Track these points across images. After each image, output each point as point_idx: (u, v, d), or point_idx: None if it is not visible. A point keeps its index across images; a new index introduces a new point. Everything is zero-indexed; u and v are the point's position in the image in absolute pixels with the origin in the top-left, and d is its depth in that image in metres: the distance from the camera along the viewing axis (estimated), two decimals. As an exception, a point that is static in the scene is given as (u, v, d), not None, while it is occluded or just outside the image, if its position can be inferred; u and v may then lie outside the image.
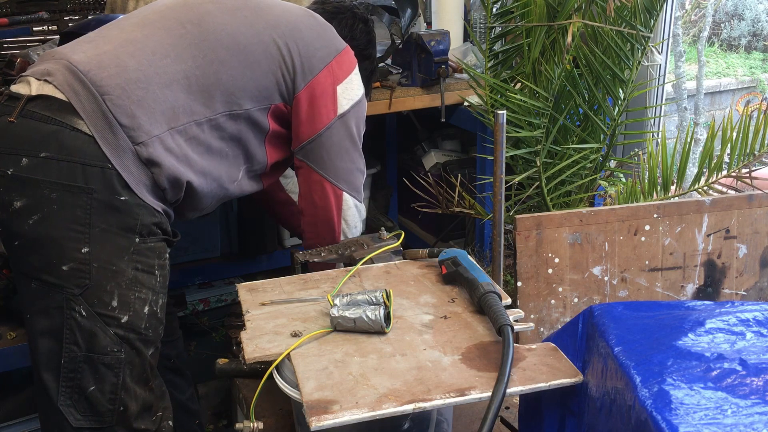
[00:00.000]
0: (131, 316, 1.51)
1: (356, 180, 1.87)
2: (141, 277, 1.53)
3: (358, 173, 1.88)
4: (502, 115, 1.76)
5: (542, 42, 2.25)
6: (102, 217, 1.47)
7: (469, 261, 1.57)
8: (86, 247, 1.46)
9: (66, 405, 1.49)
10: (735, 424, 0.95)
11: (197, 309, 2.64)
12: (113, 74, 1.50)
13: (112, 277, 1.49)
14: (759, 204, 1.94)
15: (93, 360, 1.49)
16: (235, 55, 1.64)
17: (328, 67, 1.76)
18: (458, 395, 1.21)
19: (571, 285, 1.87)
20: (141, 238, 1.52)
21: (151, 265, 1.55)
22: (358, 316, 1.38)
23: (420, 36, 2.43)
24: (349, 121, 1.81)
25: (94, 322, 1.48)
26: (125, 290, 1.50)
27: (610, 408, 1.15)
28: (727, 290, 1.96)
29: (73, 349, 1.48)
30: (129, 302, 1.51)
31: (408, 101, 2.50)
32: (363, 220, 1.94)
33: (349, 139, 1.83)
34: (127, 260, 1.50)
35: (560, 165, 2.27)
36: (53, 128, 1.45)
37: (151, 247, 1.55)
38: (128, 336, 1.52)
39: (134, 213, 1.50)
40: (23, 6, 2.27)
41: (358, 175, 1.88)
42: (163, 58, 1.56)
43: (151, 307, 1.55)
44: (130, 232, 1.50)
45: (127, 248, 1.50)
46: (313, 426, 1.15)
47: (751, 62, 8.99)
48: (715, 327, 1.17)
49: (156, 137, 1.51)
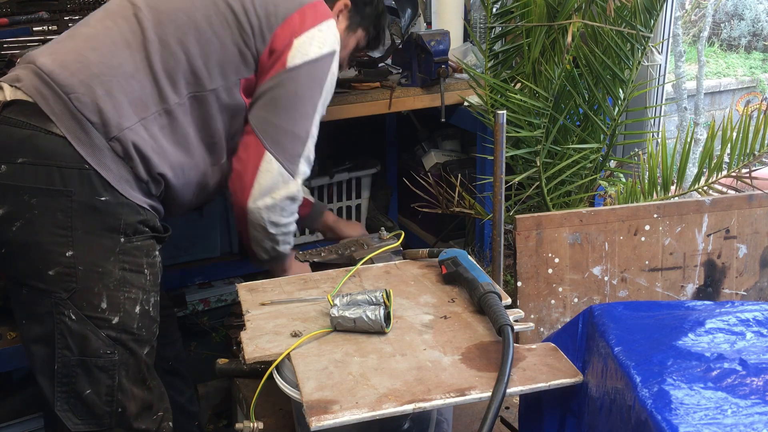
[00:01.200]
0: (122, 317, 1.50)
1: (289, 144, 1.63)
2: (129, 277, 1.51)
3: (296, 140, 1.64)
4: (502, 115, 1.76)
5: (542, 42, 2.25)
6: (83, 219, 1.45)
7: (469, 261, 1.57)
8: (70, 250, 1.45)
9: (63, 410, 1.49)
10: (735, 424, 0.95)
11: (197, 309, 2.64)
12: (76, 71, 1.47)
13: (99, 279, 1.47)
14: (759, 204, 1.94)
15: (86, 363, 1.48)
16: (191, 32, 1.57)
17: (288, 20, 1.63)
18: (458, 395, 1.21)
19: (571, 285, 1.87)
20: (126, 237, 1.50)
21: (139, 264, 1.53)
22: (358, 316, 1.38)
23: (420, 36, 2.42)
24: (298, 78, 1.62)
25: (85, 325, 1.47)
26: (114, 291, 1.49)
27: (610, 408, 1.15)
28: (727, 290, 1.96)
29: (66, 353, 1.47)
30: (119, 303, 1.50)
31: (408, 101, 2.49)
32: (291, 199, 1.67)
33: (295, 97, 1.63)
34: (113, 261, 1.49)
35: (560, 165, 2.27)
36: (28, 133, 1.43)
37: (138, 246, 1.53)
38: (120, 337, 1.51)
39: (117, 213, 1.48)
40: (23, 6, 2.26)
41: (295, 142, 1.64)
42: (124, 48, 1.52)
43: (143, 306, 1.54)
44: (114, 233, 1.49)
45: (113, 249, 1.48)
46: (313, 426, 1.15)
47: (751, 62, 8.99)
48: (715, 327, 1.17)
49: (128, 129, 1.48)
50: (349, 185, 2.97)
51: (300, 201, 1.69)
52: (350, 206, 3.01)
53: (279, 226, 1.68)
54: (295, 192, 1.65)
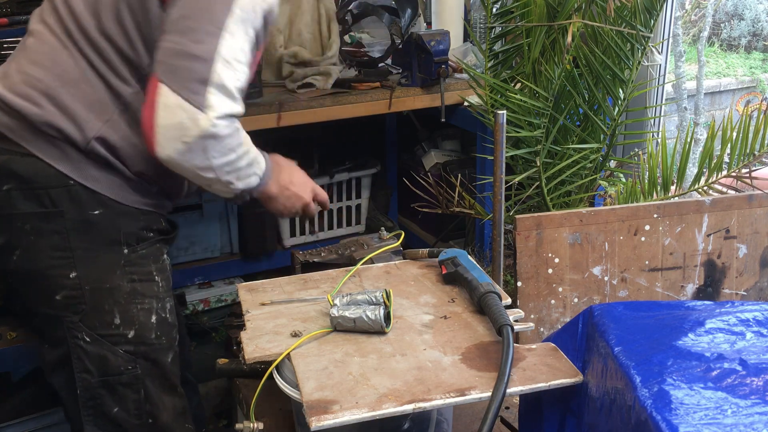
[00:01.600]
0: (138, 330, 1.45)
1: (186, 69, 1.28)
2: (140, 288, 1.46)
3: (196, 62, 1.28)
4: (502, 115, 1.76)
5: (542, 42, 2.25)
6: (81, 237, 1.40)
7: (469, 261, 1.57)
8: (73, 271, 1.40)
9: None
10: (735, 424, 0.95)
11: (197, 309, 2.64)
12: (26, 93, 1.38)
13: (108, 295, 1.42)
14: (759, 204, 1.94)
15: (109, 383, 1.44)
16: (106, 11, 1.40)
17: None
18: (458, 395, 1.21)
19: (571, 285, 1.87)
20: (130, 248, 1.44)
21: (148, 273, 1.48)
22: (358, 316, 1.38)
23: (420, 36, 2.42)
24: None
25: (100, 346, 1.43)
26: (126, 305, 1.44)
27: (610, 408, 1.15)
28: (727, 290, 1.96)
29: (85, 377, 1.43)
30: (132, 316, 1.44)
31: (408, 101, 2.49)
32: (211, 138, 1.31)
33: (191, 12, 1.31)
34: (120, 275, 1.43)
35: (560, 165, 2.27)
36: (4, 158, 1.37)
37: (144, 255, 1.47)
38: (139, 350, 1.46)
39: (114, 224, 1.42)
40: (23, 6, 2.26)
41: (195, 65, 1.28)
42: (62, 51, 1.40)
43: (159, 315, 1.49)
44: (116, 245, 1.43)
45: (117, 262, 1.43)
46: (313, 426, 1.15)
47: (751, 62, 8.99)
48: (715, 327, 1.17)
49: (96, 137, 1.39)
50: (349, 185, 2.97)
51: (233, 135, 1.34)
52: (350, 206, 3.01)
53: (214, 169, 1.35)
54: (210, 129, 1.29)
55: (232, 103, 1.33)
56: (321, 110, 2.31)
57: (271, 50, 2.49)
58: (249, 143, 1.42)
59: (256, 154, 1.45)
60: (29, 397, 2.15)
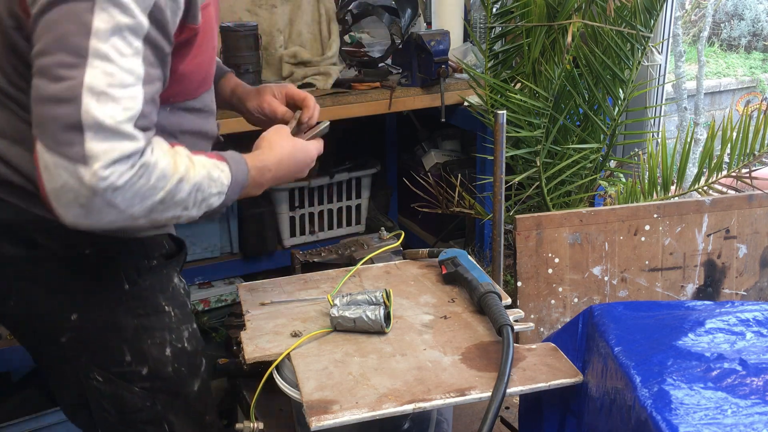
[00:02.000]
0: (152, 365, 1.34)
1: (50, 118, 1.02)
2: (148, 323, 1.34)
3: (57, 106, 1.02)
4: (502, 115, 1.76)
5: (542, 42, 2.25)
6: (76, 277, 1.29)
7: (469, 261, 1.57)
8: (74, 314, 1.30)
9: None
10: (735, 424, 0.95)
11: (197, 309, 2.64)
12: None
13: (115, 334, 1.32)
14: (759, 204, 1.94)
15: (129, 421, 1.36)
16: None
17: None
18: (458, 395, 1.21)
19: (571, 285, 1.87)
20: (131, 283, 1.32)
21: (155, 305, 1.35)
22: (358, 316, 1.38)
23: (420, 36, 2.43)
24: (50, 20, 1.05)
25: (115, 385, 1.33)
26: (135, 342, 1.33)
27: (610, 408, 1.15)
28: (727, 290, 1.96)
29: (105, 416, 1.35)
30: (144, 352, 1.33)
31: (408, 101, 2.49)
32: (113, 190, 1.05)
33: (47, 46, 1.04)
34: (124, 312, 1.32)
35: (560, 165, 2.27)
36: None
37: (148, 286, 1.34)
38: (156, 386, 1.35)
39: (110, 261, 1.30)
40: (23, 6, 2.27)
41: (56, 109, 1.02)
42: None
43: (174, 346, 1.37)
44: (116, 281, 1.31)
45: (119, 300, 1.31)
46: (313, 426, 1.15)
47: (751, 62, 8.99)
48: (715, 327, 1.17)
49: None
50: (349, 185, 2.97)
51: (142, 176, 1.07)
52: (350, 206, 3.01)
53: (140, 217, 1.10)
54: (100, 184, 1.03)
55: (123, 142, 1.05)
56: (321, 110, 2.30)
57: (271, 50, 2.50)
58: (182, 167, 1.14)
59: (204, 173, 1.18)
60: (29, 397, 2.15)
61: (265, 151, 1.36)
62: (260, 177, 1.32)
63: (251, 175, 1.28)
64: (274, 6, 2.49)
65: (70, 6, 1.04)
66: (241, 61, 2.23)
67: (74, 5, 1.04)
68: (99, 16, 1.04)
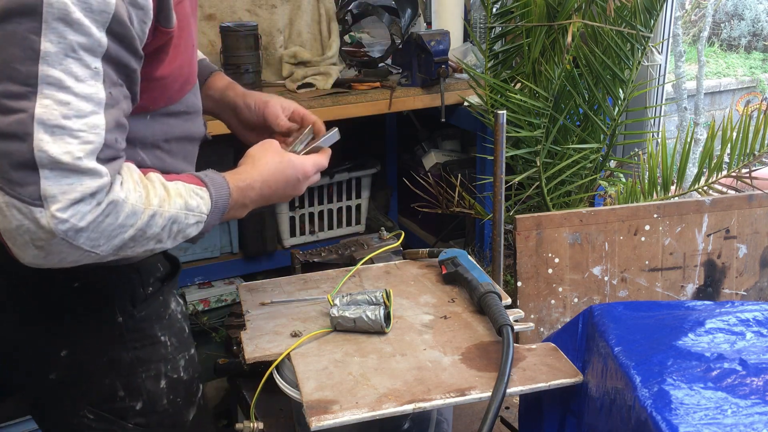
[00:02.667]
0: (146, 399, 1.27)
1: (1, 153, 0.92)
2: (144, 355, 1.25)
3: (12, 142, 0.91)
4: (502, 115, 1.76)
5: (542, 42, 2.25)
6: (65, 312, 1.20)
7: (469, 261, 1.57)
8: (65, 349, 1.21)
9: None
10: (735, 424, 0.95)
11: (197, 309, 2.64)
12: None
13: (108, 370, 1.23)
14: (759, 204, 1.94)
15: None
16: None
17: None
18: (458, 395, 1.21)
19: (571, 285, 1.87)
20: (125, 314, 1.23)
21: (152, 336, 1.26)
22: (358, 316, 1.38)
23: (420, 36, 2.43)
24: None
25: (107, 422, 1.25)
26: (128, 377, 1.25)
27: (610, 408, 1.15)
28: (727, 290, 1.96)
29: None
30: (138, 386, 1.26)
31: (408, 101, 2.50)
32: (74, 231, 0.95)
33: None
34: (117, 347, 1.23)
35: (560, 165, 2.27)
36: None
37: (144, 317, 1.25)
38: (151, 420, 1.28)
39: (101, 293, 1.20)
40: None
41: (9, 146, 0.91)
42: None
43: (169, 377, 1.29)
44: (110, 314, 1.22)
45: (112, 334, 1.22)
46: (313, 426, 1.15)
47: (751, 62, 8.99)
48: (715, 327, 1.17)
49: None
50: (349, 185, 2.97)
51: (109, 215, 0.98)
52: (350, 206, 3.01)
53: (108, 255, 1.02)
54: (59, 228, 0.94)
55: (83, 180, 0.94)
56: (321, 110, 2.32)
57: (271, 50, 2.50)
58: (155, 200, 1.04)
59: (181, 203, 1.08)
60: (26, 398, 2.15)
61: (248, 168, 1.24)
62: (243, 198, 1.20)
63: (233, 198, 1.17)
64: (274, 6, 2.49)
65: (13, 26, 0.91)
66: (241, 61, 2.23)
67: (16, 26, 0.91)
68: (47, 37, 0.91)
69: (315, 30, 2.56)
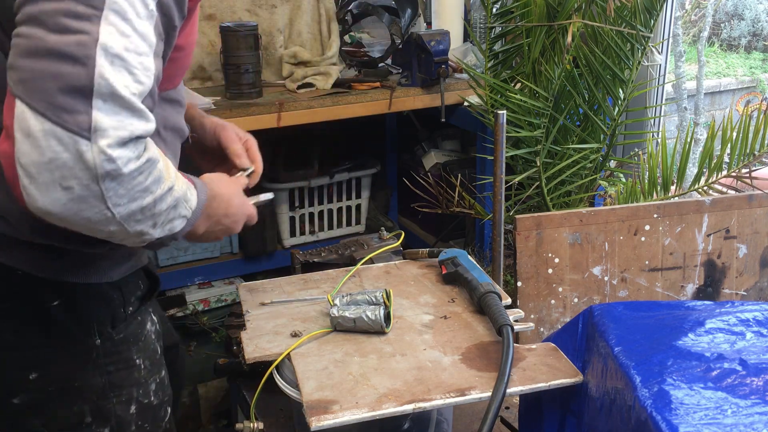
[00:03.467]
0: (114, 425, 1.19)
1: (51, 73, 0.83)
2: (117, 379, 1.18)
3: (59, 62, 0.83)
4: (502, 115, 1.76)
5: (542, 42, 2.25)
6: (39, 334, 1.11)
7: (469, 261, 1.57)
8: (33, 372, 1.12)
9: None
10: (735, 424, 0.95)
11: (197, 309, 2.64)
12: None
13: (77, 395, 1.15)
14: (759, 204, 1.94)
15: None
16: None
17: None
18: (458, 395, 1.21)
19: (571, 285, 1.87)
20: (103, 336, 1.15)
21: (127, 359, 1.19)
22: (358, 316, 1.38)
23: (420, 36, 2.43)
24: None
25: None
26: (99, 402, 1.17)
27: (610, 408, 1.15)
28: (727, 290, 1.96)
29: None
30: (107, 412, 1.18)
31: (408, 101, 2.49)
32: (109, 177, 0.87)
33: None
34: (92, 370, 1.15)
35: (560, 165, 2.27)
36: None
37: (122, 339, 1.17)
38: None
39: (80, 314, 1.13)
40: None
41: (58, 66, 0.83)
42: None
43: (140, 402, 1.22)
44: (87, 337, 1.14)
45: (89, 356, 1.14)
46: (313, 426, 1.15)
47: (751, 62, 8.99)
48: (715, 327, 1.17)
49: None
50: (349, 185, 2.97)
51: (144, 170, 0.91)
52: (350, 206, 3.01)
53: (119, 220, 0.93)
54: (104, 165, 0.86)
55: (135, 120, 0.88)
56: (321, 110, 2.32)
57: (271, 50, 2.50)
58: (172, 174, 0.99)
59: (184, 189, 1.02)
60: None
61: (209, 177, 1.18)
62: (209, 208, 1.12)
63: (206, 203, 1.10)
64: (274, 6, 2.49)
65: None
66: (241, 61, 2.23)
67: None
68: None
69: (315, 30, 2.56)
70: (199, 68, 2.46)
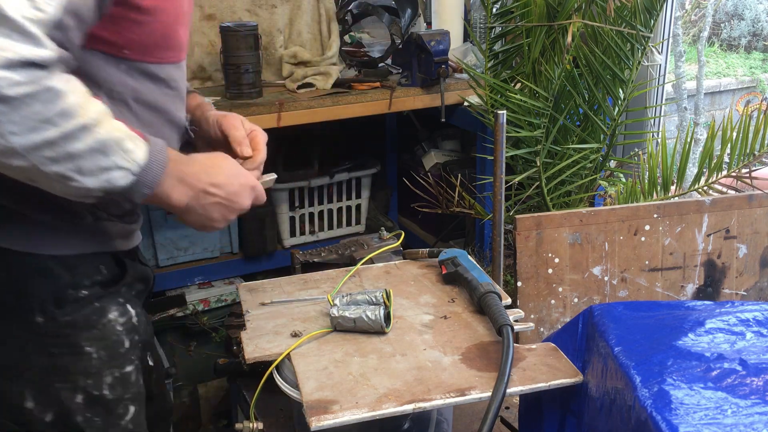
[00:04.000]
0: (58, 413, 1.14)
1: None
2: (61, 363, 1.12)
3: None
4: (502, 115, 1.76)
5: (542, 42, 2.25)
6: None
7: (469, 261, 1.57)
8: None
9: None
10: (735, 424, 0.95)
11: (197, 309, 2.64)
12: None
13: (17, 376, 1.11)
14: (759, 204, 1.94)
15: None
16: None
17: None
18: (458, 395, 1.21)
19: (571, 285, 1.87)
20: (46, 315, 1.10)
21: (73, 344, 1.12)
22: (358, 316, 1.38)
23: (420, 36, 2.43)
24: None
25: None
26: (42, 385, 1.12)
27: (610, 408, 1.15)
28: (727, 290, 1.96)
29: None
30: (50, 395, 1.13)
31: (408, 101, 2.49)
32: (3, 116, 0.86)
33: None
34: (32, 351, 1.10)
35: (560, 165, 2.27)
36: None
37: (69, 322, 1.11)
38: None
39: (22, 288, 1.08)
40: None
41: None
42: None
43: (89, 393, 1.15)
44: (26, 315, 1.09)
45: (29, 335, 1.10)
46: (313, 426, 1.15)
47: (751, 62, 8.99)
48: (715, 327, 1.17)
49: None
50: (349, 185, 2.97)
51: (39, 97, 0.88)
52: (350, 206, 3.01)
53: (19, 152, 0.89)
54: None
55: (23, 44, 0.85)
56: (321, 110, 2.32)
57: (271, 50, 2.50)
58: (93, 114, 0.93)
59: (118, 135, 0.96)
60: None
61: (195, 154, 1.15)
62: (179, 171, 1.06)
63: (170, 166, 1.03)
64: (274, 6, 2.49)
65: None
66: (241, 61, 2.23)
67: None
68: None
69: (315, 30, 2.56)
70: (199, 68, 2.46)
